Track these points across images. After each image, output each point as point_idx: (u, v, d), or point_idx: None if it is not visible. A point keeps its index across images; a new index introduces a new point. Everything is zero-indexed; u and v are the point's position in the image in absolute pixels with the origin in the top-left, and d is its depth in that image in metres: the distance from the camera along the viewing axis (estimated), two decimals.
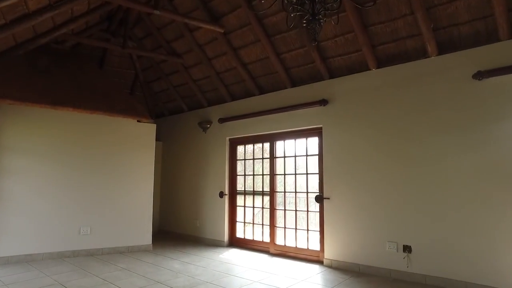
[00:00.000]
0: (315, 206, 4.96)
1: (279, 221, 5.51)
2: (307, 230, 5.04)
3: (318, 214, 4.91)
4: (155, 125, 5.93)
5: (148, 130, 5.81)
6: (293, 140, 5.42)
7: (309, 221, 5.09)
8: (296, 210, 5.25)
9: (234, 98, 6.21)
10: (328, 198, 4.68)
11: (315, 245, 4.95)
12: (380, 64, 4.44)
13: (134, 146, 5.61)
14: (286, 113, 5.32)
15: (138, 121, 5.67)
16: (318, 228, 4.90)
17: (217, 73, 6.02)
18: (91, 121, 5.25)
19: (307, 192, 5.15)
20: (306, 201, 5.18)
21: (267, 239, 5.51)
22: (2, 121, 4.66)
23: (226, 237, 5.96)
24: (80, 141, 5.16)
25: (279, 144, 5.64)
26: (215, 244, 6.01)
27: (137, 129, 5.68)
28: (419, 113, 4.01)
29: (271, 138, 5.65)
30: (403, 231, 3.98)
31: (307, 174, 5.16)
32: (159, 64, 6.67)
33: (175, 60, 6.15)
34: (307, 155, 5.19)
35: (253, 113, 5.71)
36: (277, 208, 5.51)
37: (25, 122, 4.79)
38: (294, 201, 5.37)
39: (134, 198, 5.50)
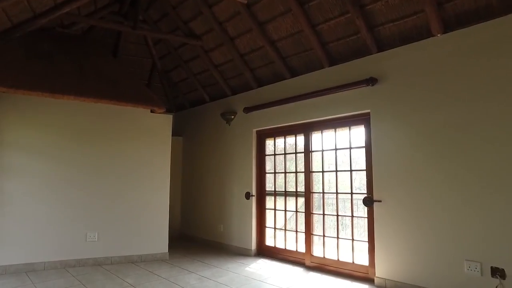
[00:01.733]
0: (362, 211, 4.01)
1: (317, 228, 4.61)
2: (352, 239, 4.10)
3: (366, 220, 3.96)
4: (171, 116, 5.23)
5: (164, 121, 5.11)
6: (332, 131, 4.49)
7: (354, 229, 4.15)
8: (337, 215, 4.32)
9: (261, 83, 5.36)
10: (380, 201, 3.72)
11: (362, 259, 4.00)
12: (448, 27, 3.40)
13: (147, 140, 4.93)
14: (323, 97, 4.40)
15: (151, 111, 4.98)
16: (366, 238, 3.94)
17: (241, 55, 5.20)
18: (98, 112, 4.64)
19: (352, 193, 4.21)
20: (350, 204, 4.24)
21: (302, 248, 4.62)
22: (1, 113, 4.13)
23: (253, 245, 5.14)
24: (86, 136, 4.55)
25: (315, 136, 4.73)
26: (241, 252, 5.21)
27: (150, 121, 5.00)
28: (507, 94, 2.95)
29: (306, 129, 4.75)
30: (490, 247, 2.94)
31: (351, 171, 4.21)
32: (177, 50, 5.96)
33: (194, 42, 5.40)
34: (350, 148, 4.25)
35: (283, 100, 4.84)
36: (314, 212, 4.61)
37: (24, 115, 4.25)
38: (335, 203, 4.43)
39: (148, 200, 4.82)
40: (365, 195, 3.91)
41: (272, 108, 5.05)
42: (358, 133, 4.27)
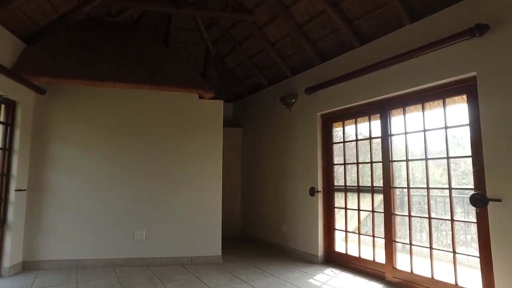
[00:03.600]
0: (469, 213, 2.90)
1: (401, 234, 3.59)
2: (453, 252, 3.00)
3: (476, 226, 2.84)
4: (222, 101, 4.66)
5: (214, 108, 4.58)
6: (418, 106, 3.42)
7: (456, 238, 3.04)
8: (429, 217, 3.25)
9: (324, 58, 4.49)
10: (499, 200, 2.58)
11: (470, 280, 2.89)
12: None
13: (196, 130, 4.46)
14: (404, 64, 3.37)
15: (200, 97, 4.50)
16: (477, 252, 2.83)
17: (299, 25, 4.40)
18: (144, 103, 4.33)
19: (450, 189, 3.10)
20: (449, 204, 3.14)
21: (381, 258, 3.65)
22: (49, 108, 4.06)
23: (320, 251, 4.30)
24: (132, 128, 4.26)
25: (395, 115, 3.70)
26: (306, 259, 4.42)
27: (199, 108, 4.52)
28: None
29: (383, 107, 3.75)
30: None
31: (448, 158, 3.11)
32: (229, 31, 5.41)
33: (245, 17, 4.77)
34: (446, 128, 3.15)
35: (351, 74, 3.91)
36: (396, 212, 3.59)
37: (71, 110, 4.13)
38: (424, 202, 3.35)
39: (199, 197, 4.35)
40: (474, 192, 2.79)
41: (338, 86, 4.16)
42: (456, 107, 3.16)
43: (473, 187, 2.86)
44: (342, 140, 4.34)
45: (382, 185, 3.68)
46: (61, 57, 3.71)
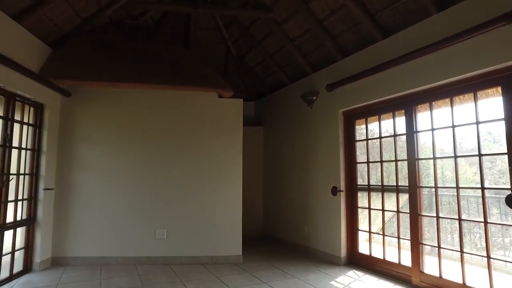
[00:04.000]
0: (507, 214, 2.69)
1: (428, 236, 3.40)
2: (488, 257, 2.79)
3: None
4: (241, 100, 4.63)
5: (233, 107, 4.56)
6: (446, 101, 3.22)
7: (491, 241, 2.83)
8: (459, 219, 3.04)
9: (346, 53, 4.35)
10: None
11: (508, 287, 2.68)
12: None
13: (216, 129, 4.46)
14: (430, 56, 3.19)
15: (219, 96, 4.50)
16: None
17: (319, 21, 4.28)
18: (165, 103, 4.38)
19: (483, 188, 2.88)
20: (482, 204, 2.92)
21: (406, 261, 3.47)
22: (74, 109, 4.21)
23: (343, 252, 4.17)
24: (154, 128, 4.33)
25: (421, 111, 3.51)
26: (329, 260, 4.30)
27: (219, 107, 4.51)
28: None
29: (407, 103, 3.57)
30: None
31: (480, 156, 2.90)
32: (248, 29, 5.37)
33: (264, 15, 4.70)
34: (477, 123, 2.93)
35: (374, 69, 3.76)
36: (422, 213, 3.39)
37: (95, 110, 4.25)
38: (453, 202, 3.15)
39: (219, 196, 4.34)
40: (510, 192, 2.58)
41: (360, 81, 4.01)
42: (488, 101, 2.94)
43: (510, 186, 2.64)
44: (365, 138, 4.18)
45: (407, 184, 3.50)
46: (84, 60, 3.82)
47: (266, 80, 6.15)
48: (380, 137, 3.95)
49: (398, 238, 3.61)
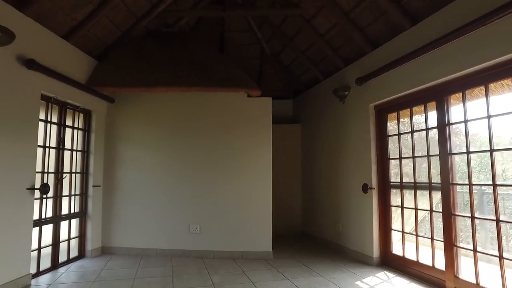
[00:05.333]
0: None
1: (464, 237, 3.11)
2: None
3: None
4: (270, 99, 4.69)
5: (262, 106, 4.64)
6: (480, 89, 2.92)
7: None
8: (498, 220, 2.74)
9: (375, 44, 4.16)
10: None
11: None
12: None
13: (246, 128, 4.58)
14: (461, 40, 2.92)
15: (248, 96, 4.61)
16: None
17: (346, 13, 4.16)
18: (197, 104, 4.63)
19: None
20: None
21: (440, 265, 3.22)
22: (118, 114, 4.66)
23: (375, 252, 4.00)
24: (188, 128, 4.60)
25: (453, 101, 3.23)
26: (361, 260, 4.16)
27: (248, 107, 4.62)
28: None
29: (438, 93, 3.31)
30: None
31: None
32: (279, 27, 5.39)
33: (292, 12, 4.70)
34: None
35: (402, 58, 3.54)
36: (456, 213, 3.12)
37: (136, 113, 4.66)
38: (492, 202, 2.85)
39: (249, 194, 4.46)
40: None
41: (389, 73, 3.81)
42: None
43: None
44: (397, 133, 3.95)
45: (440, 182, 3.24)
46: (122, 69, 4.22)
47: (301, 77, 6.12)
48: (412, 131, 3.70)
49: (432, 239, 3.36)
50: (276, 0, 4.91)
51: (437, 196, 3.36)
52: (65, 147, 3.95)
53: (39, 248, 3.57)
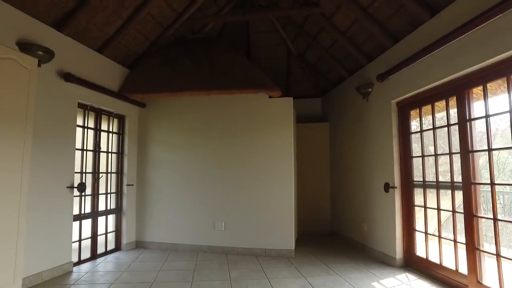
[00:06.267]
0: None
1: (487, 240, 2.92)
2: None
3: None
4: (291, 98, 4.73)
5: (283, 106, 4.69)
6: (502, 81, 2.73)
7: None
8: None
9: (396, 39, 4.03)
10: None
11: None
12: None
13: (268, 128, 4.66)
14: (482, 28, 2.74)
15: (270, 97, 4.70)
16: None
17: (364, 9, 4.07)
18: (220, 106, 4.81)
19: None
20: None
21: (463, 268, 3.05)
22: (148, 118, 5.01)
23: (398, 253, 3.87)
24: (212, 129, 4.80)
25: (474, 96, 3.04)
26: (384, 261, 4.05)
27: (269, 107, 4.71)
28: None
29: (458, 87, 3.13)
30: None
31: None
32: (302, 26, 5.40)
33: (312, 10, 4.69)
34: None
35: (421, 51, 3.39)
36: (478, 214, 2.94)
37: (163, 116, 4.96)
38: None
39: (271, 193, 4.54)
40: None
41: (409, 68, 3.68)
42: None
43: None
44: (418, 130, 3.79)
45: (461, 181, 3.07)
46: (150, 76, 4.55)
47: (328, 75, 6.05)
48: (434, 128, 3.53)
49: (455, 241, 3.19)
50: (296, 0, 4.93)
51: (460, 196, 3.19)
52: (101, 150, 4.37)
53: (79, 240, 4.01)
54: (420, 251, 3.71)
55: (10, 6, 3.12)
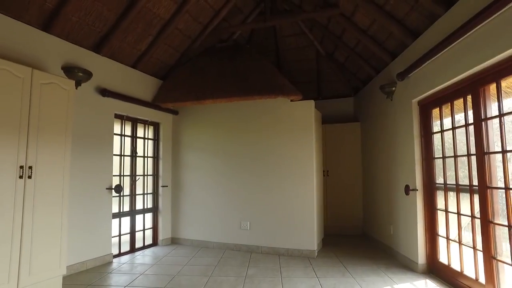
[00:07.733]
0: None
1: (503, 249, 2.71)
2: None
3: None
4: (313, 101, 4.75)
5: (304, 109, 4.73)
6: None
7: None
8: None
9: (415, 35, 3.86)
10: None
11: None
12: None
13: (289, 131, 4.75)
14: (500, 17, 2.58)
15: (291, 100, 4.79)
16: None
17: (380, 7, 3.98)
18: (244, 111, 5.02)
19: None
20: None
21: (482, 277, 2.86)
22: (181, 124, 5.42)
23: (421, 258, 3.72)
24: (239, 133, 5.02)
25: (491, 92, 2.83)
26: (407, 265, 3.92)
27: (291, 110, 4.79)
28: None
29: (473, 84, 2.95)
30: None
31: None
32: (327, 27, 5.38)
33: (332, 11, 4.68)
34: None
35: (437, 47, 3.24)
36: (494, 221, 2.74)
37: (195, 123, 5.32)
38: None
39: (293, 195, 4.63)
40: None
41: (427, 65, 3.54)
42: None
43: None
44: (439, 130, 3.60)
45: (477, 184, 2.89)
46: (179, 86, 4.94)
47: (357, 74, 5.93)
48: (453, 128, 3.34)
49: (474, 249, 3.00)
50: (316, 2, 4.95)
51: (477, 199, 2.99)
52: (138, 155, 4.87)
53: (119, 235, 4.54)
54: (443, 257, 3.54)
55: (58, 38, 3.70)
